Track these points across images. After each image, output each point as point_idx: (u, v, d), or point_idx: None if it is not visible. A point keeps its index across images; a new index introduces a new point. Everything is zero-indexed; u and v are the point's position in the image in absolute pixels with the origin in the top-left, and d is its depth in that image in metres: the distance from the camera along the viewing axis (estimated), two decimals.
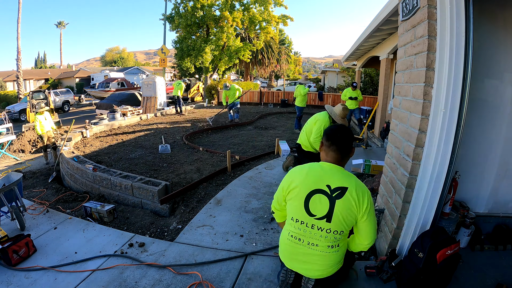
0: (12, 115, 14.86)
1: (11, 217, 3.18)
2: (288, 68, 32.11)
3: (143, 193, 4.17)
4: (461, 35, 1.72)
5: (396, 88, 2.44)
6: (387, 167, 2.53)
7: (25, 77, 26.34)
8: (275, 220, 2.30)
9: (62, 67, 49.01)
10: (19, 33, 19.65)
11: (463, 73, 1.76)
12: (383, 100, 6.95)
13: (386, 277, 2.07)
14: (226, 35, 16.64)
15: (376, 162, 4.30)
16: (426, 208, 1.97)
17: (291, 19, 18.69)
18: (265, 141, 7.39)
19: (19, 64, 19.93)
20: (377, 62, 8.25)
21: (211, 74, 19.14)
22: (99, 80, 27.48)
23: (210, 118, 10.58)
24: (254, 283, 2.19)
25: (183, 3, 16.91)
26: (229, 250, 2.64)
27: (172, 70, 33.48)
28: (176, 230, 3.26)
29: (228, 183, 4.28)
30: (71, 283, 2.28)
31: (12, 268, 2.47)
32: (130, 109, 13.09)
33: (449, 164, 1.87)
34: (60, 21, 52.31)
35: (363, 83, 15.77)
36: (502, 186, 2.37)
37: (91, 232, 3.08)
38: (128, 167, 5.42)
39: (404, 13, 2.23)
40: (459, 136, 1.83)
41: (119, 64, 55.68)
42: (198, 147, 6.75)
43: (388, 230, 2.32)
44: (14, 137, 8.78)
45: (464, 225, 2.31)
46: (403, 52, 2.30)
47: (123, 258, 2.58)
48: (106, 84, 23.22)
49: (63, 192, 5.01)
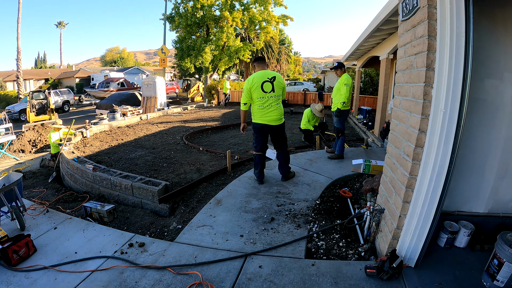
0: (12, 115, 14.88)
1: (11, 217, 3.18)
2: (288, 68, 32.12)
3: (143, 193, 4.17)
4: (461, 35, 1.72)
5: (396, 88, 2.44)
6: (387, 167, 2.53)
7: (25, 77, 26.36)
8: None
9: (62, 67, 49.03)
10: (19, 33, 19.67)
11: (463, 73, 1.75)
12: (383, 100, 6.95)
13: (386, 277, 2.07)
14: (226, 35, 16.64)
15: (376, 162, 4.29)
16: (426, 208, 1.97)
17: (291, 19, 18.70)
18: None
19: (19, 64, 19.95)
20: (377, 62, 8.25)
21: (211, 74, 19.14)
22: (99, 80, 27.49)
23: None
24: (254, 283, 2.19)
25: (183, 3, 16.91)
26: (229, 250, 2.64)
27: (172, 70, 33.47)
28: (176, 230, 3.26)
29: (228, 183, 4.28)
30: (71, 283, 2.29)
31: (12, 268, 2.47)
32: (130, 109, 13.10)
33: (449, 164, 1.87)
34: (60, 21, 52.33)
35: (363, 83, 15.78)
36: (502, 186, 2.37)
37: (91, 232, 3.08)
38: (128, 167, 5.42)
39: (404, 13, 2.23)
40: (459, 136, 1.82)
41: (119, 64, 55.66)
42: (198, 146, 6.76)
43: (388, 230, 2.32)
44: (14, 137, 8.78)
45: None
46: (403, 52, 2.30)
47: (121, 261, 2.57)
48: (106, 84, 23.25)
49: (63, 192, 5.01)
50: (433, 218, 1.99)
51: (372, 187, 3.10)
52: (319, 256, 2.60)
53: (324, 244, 2.73)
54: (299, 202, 3.55)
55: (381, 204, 2.59)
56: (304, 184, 4.09)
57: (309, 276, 2.23)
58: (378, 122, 7.25)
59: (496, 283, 1.93)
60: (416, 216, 2.02)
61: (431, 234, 2.04)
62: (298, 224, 3.05)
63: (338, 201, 3.61)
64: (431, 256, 2.28)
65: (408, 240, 2.10)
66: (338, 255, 2.58)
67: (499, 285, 1.92)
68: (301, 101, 16.33)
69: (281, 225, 3.04)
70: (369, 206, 2.73)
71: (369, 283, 2.11)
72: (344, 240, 2.77)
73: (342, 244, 2.71)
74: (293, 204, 3.50)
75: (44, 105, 14.68)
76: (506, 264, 1.87)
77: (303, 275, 2.24)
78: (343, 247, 2.67)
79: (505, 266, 1.88)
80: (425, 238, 2.04)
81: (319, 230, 2.89)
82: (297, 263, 2.41)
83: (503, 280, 1.90)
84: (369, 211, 2.61)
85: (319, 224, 3.06)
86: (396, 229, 2.19)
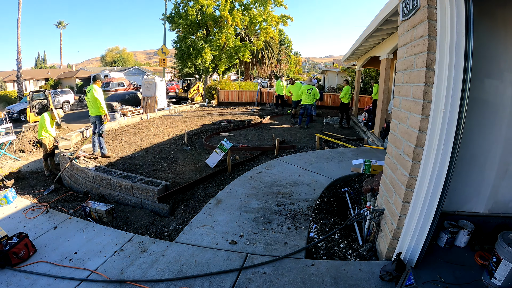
0: (12, 115, 14.87)
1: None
2: (288, 68, 32.12)
3: (143, 193, 4.17)
4: (461, 35, 1.72)
5: (396, 88, 2.44)
6: (387, 167, 2.53)
7: (25, 77, 26.35)
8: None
9: (62, 67, 49.02)
10: (19, 33, 19.68)
11: (463, 73, 1.75)
12: (383, 100, 6.95)
13: (388, 279, 2.07)
14: (225, 35, 16.64)
15: (376, 162, 4.29)
16: (426, 208, 1.97)
17: (291, 19, 18.70)
18: (267, 142, 7.39)
19: (19, 64, 19.94)
20: (377, 62, 8.25)
21: (211, 74, 19.14)
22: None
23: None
24: (254, 283, 2.19)
25: (183, 3, 16.91)
26: (229, 250, 2.64)
27: (172, 70, 33.47)
28: (176, 230, 3.26)
29: (228, 183, 4.28)
30: (71, 283, 2.28)
31: (12, 268, 2.47)
32: (130, 109, 13.10)
33: (449, 164, 1.86)
34: (60, 21, 52.28)
35: (363, 83, 15.77)
36: (502, 186, 2.37)
37: (91, 232, 3.08)
38: (128, 167, 5.42)
39: (404, 13, 2.23)
40: (459, 136, 1.82)
41: (119, 64, 55.65)
42: (209, 145, 6.75)
43: (388, 230, 2.32)
44: (14, 137, 8.78)
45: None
46: (403, 52, 2.30)
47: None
48: (106, 84, 23.23)
49: (63, 192, 5.01)
50: (433, 218, 1.99)
51: (372, 187, 3.09)
52: (319, 256, 2.60)
53: (324, 244, 2.73)
54: (299, 202, 3.55)
55: (381, 204, 2.59)
56: (304, 184, 4.09)
57: (309, 276, 2.23)
58: (378, 122, 7.25)
59: (493, 281, 1.94)
60: (416, 216, 2.02)
61: (431, 234, 2.04)
62: (298, 224, 3.05)
63: (338, 201, 3.61)
64: (431, 256, 2.28)
65: (408, 240, 2.10)
66: (338, 255, 2.58)
67: (496, 283, 1.92)
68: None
69: (281, 225, 3.04)
70: (369, 206, 2.73)
71: (369, 283, 2.11)
72: (344, 240, 2.77)
73: (342, 244, 2.71)
74: (293, 204, 3.50)
75: (44, 105, 14.68)
76: (503, 261, 1.88)
77: (303, 275, 2.24)
78: (343, 247, 2.68)
79: (502, 263, 1.89)
80: (425, 238, 2.04)
81: (320, 240, 2.89)
82: (297, 263, 2.41)
83: (500, 278, 1.91)
84: (369, 211, 2.61)
85: (319, 224, 3.06)
86: (396, 229, 2.19)
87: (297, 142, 7.19)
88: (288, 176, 4.40)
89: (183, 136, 7.81)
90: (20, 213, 3.56)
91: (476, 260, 2.21)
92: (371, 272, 2.22)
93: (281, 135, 7.99)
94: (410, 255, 2.13)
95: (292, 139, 7.52)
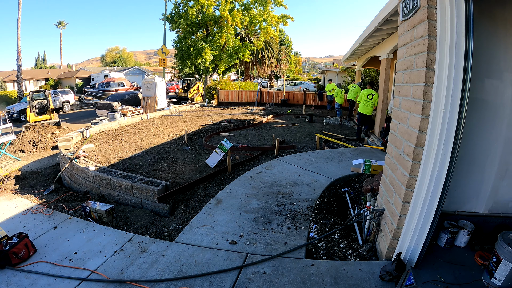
0: (12, 115, 14.87)
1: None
2: (288, 68, 32.12)
3: (143, 193, 4.17)
4: (461, 35, 1.72)
5: (396, 88, 2.44)
6: (387, 167, 2.53)
7: (25, 77, 26.34)
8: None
9: (62, 67, 48.99)
10: (19, 33, 19.66)
11: (463, 73, 1.75)
12: (383, 100, 6.95)
13: (388, 278, 2.07)
14: (225, 35, 16.64)
15: (376, 162, 4.29)
16: (426, 208, 1.97)
17: (291, 19, 18.69)
18: (267, 142, 7.39)
19: (19, 64, 19.94)
20: (377, 62, 8.25)
21: (211, 74, 19.14)
22: (99, 80, 27.48)
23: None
24: (254, 283, 2.19)
25: (183, 3, 16.91)
26: (229, 250, 2.64)
27: (172, 70, 33.47)
28: (176, 230, 3.26)
29: (228, 183, 4.28)
30: (71, 283, 2.28)
31: (12, 268, 2.47)
32: (130, 109, 13.10)
33: (449, 164, 1.86)
34: (60, 21, 52.26)
35: (363, 83, 15.76)
36: (502, 186, 2.37)
37: (91, 232, 3.08)
38: (128, 167, 5.42)
39: (404, 13, 2.23)
40: (459, 136, 1.82)
41: (119, 64, 55.63)
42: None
43: (388, 230, 2.32)
44: (14, 137, 8.77)
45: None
46: (403, 52, 2.30)
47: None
48: (106, 84, 23.24)
49: (63, 192, 5.01)
50: (433, 218, 1.99)
51: (372, 187, 3.09)
52: (319, 256, 2.60)
53: (324, 244, 2.73)
54: (299, 202, 3.54)
55: (381, 204, 2.59)
56: (304, 184, 4.09)
57: (309, 276, 2.23)
58: (378, 122, 7.25)
59: (493, 281, 1.93)
60: (416, 216, 2.02)
61: (431, 234, 2.03)
62: (298, 224, 3.05)
63: (338, 201, 3.61)
64: (431, 256, 2.28)
65: (408, 240, 2.10)
66: (338, 255, 2.58)
67: (496, 283, 1.92)
68: (301, 101, 16.32)
69: (281, 225, 3.04)
70: (369, 206, 2.73)
71: (369, 283, 2.11)
72: (344, 240, 2.77)
73: (342, 244, 2.71)
74: (293, 204, 3.50)
75: (44, 105, 14.68)
76: (503, 261, 1.88)
77: (303, 275, 2.24)
78: (343, 247, 2.68)
79: (502, 263, 1.89)
80: (425, 238, 2.04)
81: (320, 237, 2.89)
82: (297, 263, 2.41)
83: (500, 278, 1.91)
84: (369, 211, 2.61)
85: (319, 224, 3.06)
86: (396, 229, 2.19)
87: (297, 142, 7.19)
88: (288, 176, 4.40)
89: (183, 136, 7.82)
90: (20, 213, 3.57)
91: (476, 260, 2.21)
92: (371, 272, 2.22)
93: (281, 135, 7.99)
94: (410, 255, 2.13)
95: (292, 139, 7.52)
